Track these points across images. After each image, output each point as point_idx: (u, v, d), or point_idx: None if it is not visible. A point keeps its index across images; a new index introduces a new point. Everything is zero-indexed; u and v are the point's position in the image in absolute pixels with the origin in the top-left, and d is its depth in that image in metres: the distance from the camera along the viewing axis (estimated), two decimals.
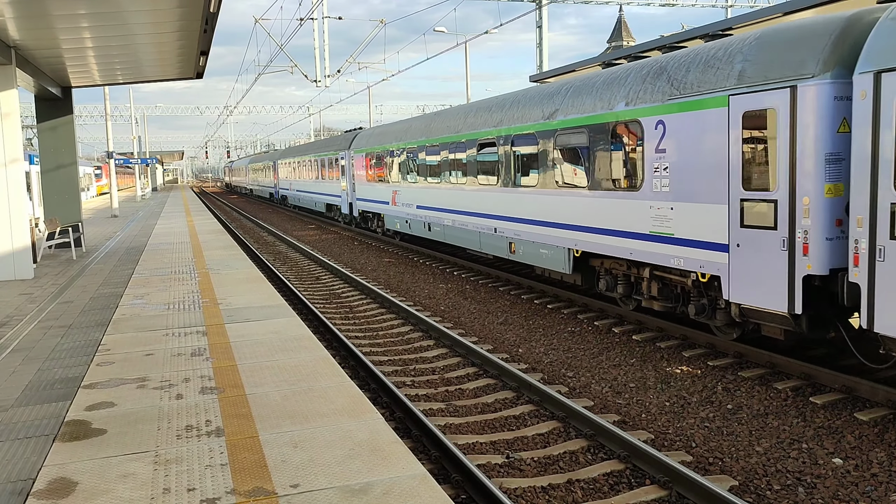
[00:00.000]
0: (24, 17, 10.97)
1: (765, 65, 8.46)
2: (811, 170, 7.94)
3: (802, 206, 8.06)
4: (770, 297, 8.49)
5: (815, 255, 7.95)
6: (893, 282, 6.97)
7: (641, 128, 10.49)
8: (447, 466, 6.45)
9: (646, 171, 10.43)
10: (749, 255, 8.75)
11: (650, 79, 10.49)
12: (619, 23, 62.14)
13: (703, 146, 9.39)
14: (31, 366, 7.36)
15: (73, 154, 18.30)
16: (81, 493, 4.34)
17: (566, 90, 12.84)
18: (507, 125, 14.64)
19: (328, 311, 13.96)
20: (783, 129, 8.19)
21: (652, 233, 10.41)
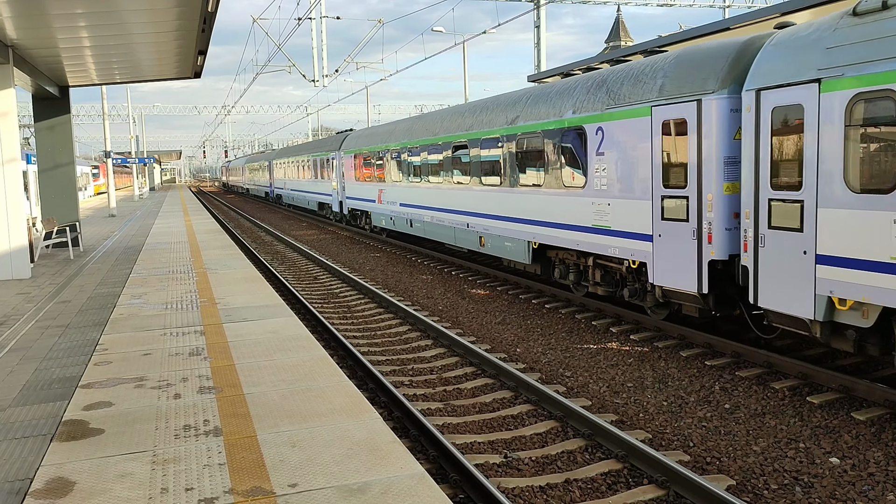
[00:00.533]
0: (22, 16, 10.96)
1: (679, 81, 9.82)
2: (713, 171, 9.29)
3: (707, 202, 9.41)
4: (684, 279, 9.83)
5: (717, 243, 9.32)
6: (772, 264, 8.32)
7: (585, 133, 11.84)
8: (445, 466, 6.45)
9: (589, 171, 11.79)
10: (668, 243, 10.10)
11: (593, 90, 11.82)
12: (616, 23, 62.17)
13: (633, 150, 10.72)
14: (28, 365, 7.35)
15: (70, 153, 18.28)
16: (79, 493, 4.34)
17: (526, 99, 14.21)
18: (476, 129, 16.03)
19: (326, 311, 13.95)
20: (692, 136, 9.54)
21: (594, 226, 11.80)
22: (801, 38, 8.10)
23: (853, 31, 7.49)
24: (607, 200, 11.36)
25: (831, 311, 7.78)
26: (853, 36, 7.45)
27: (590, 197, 11.79)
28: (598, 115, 11.47)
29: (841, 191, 7.51)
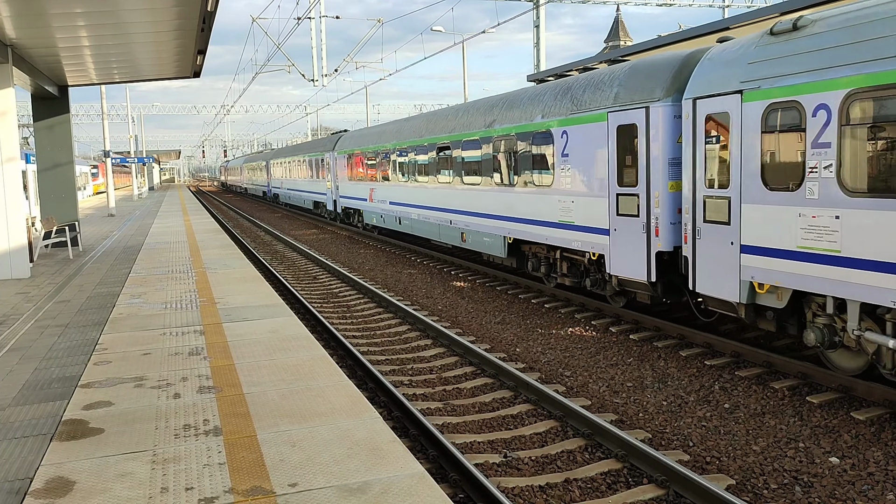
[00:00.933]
0: (21, 16, 10.95)
1: (631, 89, 10.83)
2: (660, 171, 10.30)
3: (655, 199, 10.44)
4: (635, 269, 10.85)
5: (663, 235, 10.36)
6: (706, 254, 9.35)
7: (552, 136, 12.83)
8: (445, 466, 6.45)
9: (555, 171, 12.82)
10: (622, 237, 11.12)
11: (559, 97, 12.84)
12: (616, 22, 62.19)
13: (592, 152, 11.72)
14: (28, 365, 7.35)
15: (69, 153, 18.27)
16: (79, 493, 4.33)
17: (502, 104, 15.21)
18: (458, 132, 17.09)
19: (325, 311, 13.95)
20: (641, 139, 10.53)
21: (560, 221, 12.82)
22: (729, 54, 9.06)
23: (769, 49, 8.43)
24: (571, 198, 12.42)
25: (753, 295, 8.79)
26: (769, 53, 8.38)
27: (556, 195, 12.86)
28: (563, 120, 12.50)
29: (758, 189, 8.52)
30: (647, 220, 10.58)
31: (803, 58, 7.91)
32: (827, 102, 7.61)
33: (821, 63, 7.68)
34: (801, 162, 7.97)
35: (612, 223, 11.32)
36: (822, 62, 7.67)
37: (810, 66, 7.80)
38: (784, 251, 8.22)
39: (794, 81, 7.99)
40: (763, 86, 8.41)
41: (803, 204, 7.95)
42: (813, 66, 7.76)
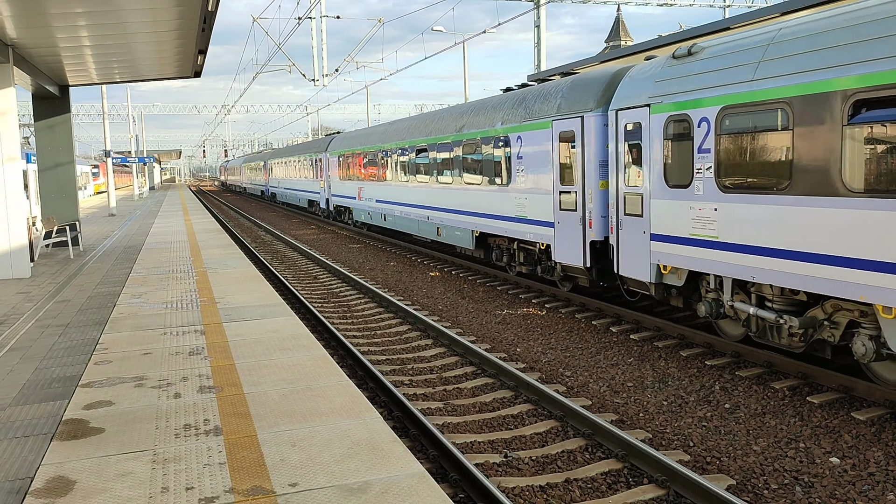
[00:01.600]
0: (22, 16, 10.95)
1: (571, 101, 12.50)
2: (592, 171, 11.95)
3: (588, 195, 12.07)
4: (574, 256, 12.48)
5: (595, 227, 11.96)
6: (627, 242, 10.95)
7: (510, 141, 14.55)
8: (445, 465, 6.45)
9: (512, 171, 14.54)
10: (564, 229, 12.78)
11: (516, 106, 14.58)
12: (616, 22, 62.17)
13: (540, 154, 13.38)
14: (28, 364, 7.35)
15: (70, 153, 18.27)
16: (79, 492, 4.34)
17: (471, 110, 16.95)
18: (434, 135, 18.78)
19: (326, 311, 13.96)
20: (578, 144, 12.17)
21: (516, 216, 14.50)
22: (643, 73, 10.69)
23: (671, 70, 10.05)
24: (525, 195, 14.14)
25: (660, 276, 10.47)
26: (670, 74, 10.01)
27: (513, 193, 14.58)
28: (518, 126, 14.25)
29: (662, 186, 10.14)
30: (582, 214, 12.25)
31: (693, 79, 9.56)
32: (707, 116, 9.26)
33: (704, 84, 9.32)
34: (691, 164, 9.60)
35: (556, 217, 13.08)
36: (705, 83, 9.31)
37: (697, 86, 9.44)
38: (680, 238, 9.90)
39: (685, 98, 9.64)
40: (664, 101, 10.03)
41: (692, 199, 9.60)
42: (699, 86, 9.41)
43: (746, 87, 8.56)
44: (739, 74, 8.70)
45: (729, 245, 9.03)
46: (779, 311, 8.67)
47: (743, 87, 8.62)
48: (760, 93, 8.37)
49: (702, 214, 9.44)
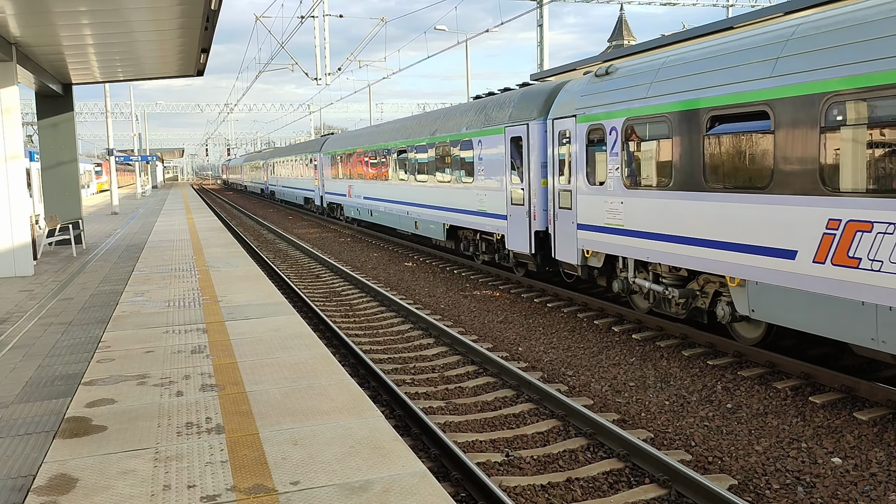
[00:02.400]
0: (25, 14, 10.97)
1: (519, 110, 14.64)
2: (535, 171, 14.00)
3: (533, 192, 14.08)
4: (523, 245, 14.47)
5: (538, 219, 13.98)
6: (561, 231, 13.03)
7: (472, 143, 16.67)
8: (447, 464, 6.45)
9: (475, 171, 16.61)
10: (514, 221, 14.83)
11: (478, 113, 16.77)
12: (619, 22, 62.09)
13: (496, 156, 15.54)
14: (31, 362, 7.37)
15: (73, 151, 18.29)
16: (82, 490, 4.34)
17: (443, 116, 19.23)
18: (412, 138, 21.00)
19: (328, 309, 13.96)
20: (524, 147, 14.24)
21: (478, 210, 16.61)
22: (573, 88, 12.76)
23: (592, 87, 11.97)
24: (485, 192, 16.20)
25: (585, 259, 12.51)
26: (592, 90, 11.92)
27: (476, 190, 16.64)
28: (479, 131, 16.38)
29: (585, 184, 12.18)
30: (528, 208, 14.23)
31: (607, 94, 11.45)
32: (616, 126, 11.14)
33: (615, 99, 11.21)
34: (605, 166, 11.52)
35: (508, 211, 15.10)
36: (615, 98, 11.22)
37: (610, 100, 11.32)
38: (598, 227, 11.89)
39: (601, 111, 11.54)
40: (587, 112, 11.93)
41: (606, 194, 11.59)
42: (611, 101, 11.30)
43: (642, 103, 10.57)
44: (638, 92, 10.69)
45: (632, 232, 11.04)
46: (667, 285, 10.62)
47: (640, 103, 10.63)
48: (651, 108, 10.38)
49: (612, 207, 11.49)
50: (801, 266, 8.04)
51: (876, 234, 7.17)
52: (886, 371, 8.75)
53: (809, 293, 7.95)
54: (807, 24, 8.13)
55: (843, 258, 7.54)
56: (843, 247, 7.54)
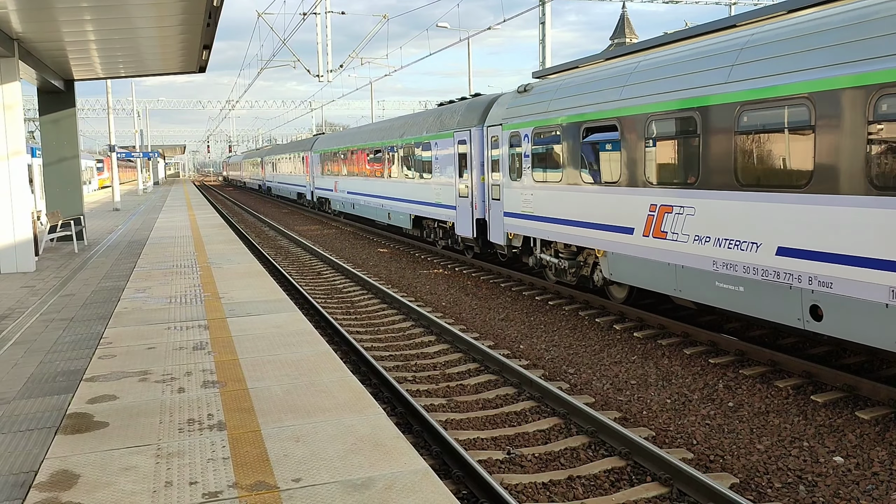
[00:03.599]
0: (27, 10, 10.96)
1: (465, 118, 17.61)
2: (476, 169, 16.85)
3: (475, 186, 16.89)
4: (467, 231, 17.36)
5: (478, 209, 16.82)
6: (493, 218, 15.91)
7: (430, 145, 19.75)
8: (448, 462, 6.45)
9: (432, 168, 19.52)
10: (461, 211, 17.69)
11: (436, 119, 19.82)
12: (622, 19, 62.01)
13: (447, 156, 18.53)
14: (33, 358, 7.37)
15: (75, 147, 18.28)
16: (83, 486, 4.35)
17: (410, 121, 22.51)
18: (385, 139, 24.24)
19: (329, 306, 13.96)
20: (468, 149, 17.12)
21: (435, 202, 19.49)
22: (503, 101, 15.72)
23: (515, 101, 14.86)
24: (440, 186, 19.02)
25: (510, 241, 15.28)
26: (515, 103, 14.80)
27: (433, 184, 19.57)
28: (435, 135, 19.37)
29: (508, 179, 14.99)
30: (471, 199, 17.02)
31: (524, 108, 14.32)
32: (528, 133, 14.03)
33: (529, 112, 14.08)
34: (520, 164, 14.42)
35: (456, 202, 18.00)
36: (529, 111, 14.07)
37: (526, 112, 14.21)
38: (518, 214, 14.69)
39: (519, 121, 14.47)
40: (510, 122, 14.87)
41: (522, 188, 14.40)
42: (526, 113, 14.19)
43: (544, 116, 13.40)
44: (542, 108, 13.54)
45: (539, 218, 13.80)
46: (563, 258, 13.31)
47: (542, 116, 13.47)
48: (549, 120, 13.21)
49: (526, 198, 14.27)
50: (636, 239, 10.86)
51: (675, 214, 10.00)
52: (888, 370, 8.74)
53: (641, 259, 10.75)
54: (645, 62, 11.01)
55: (658, 232, 10.38)
56: (658, 224, 10.36)
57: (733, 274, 8.95)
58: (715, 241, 9.22)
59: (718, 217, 9.17)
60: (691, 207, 9.65)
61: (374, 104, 56.61)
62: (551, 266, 13.83)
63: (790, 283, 8.16)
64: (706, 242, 9.36)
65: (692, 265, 9.65)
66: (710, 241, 9.32)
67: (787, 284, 8.20)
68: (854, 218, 7.34)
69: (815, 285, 7.83)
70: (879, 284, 7.11)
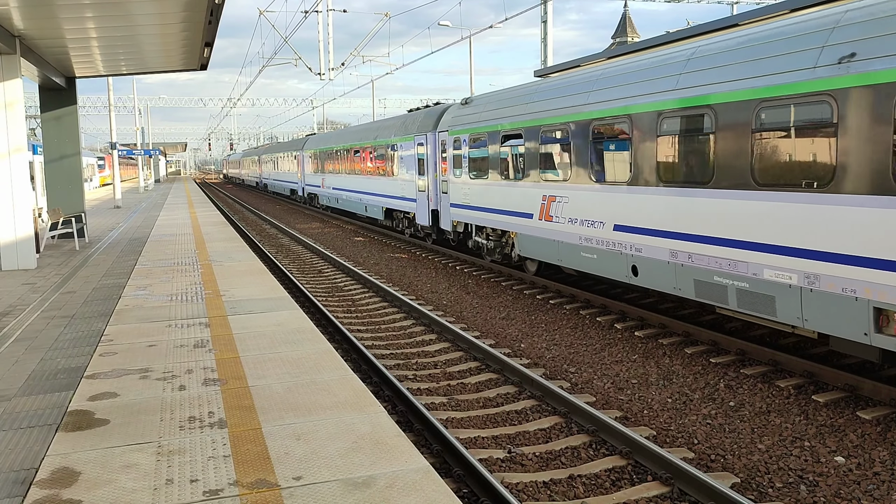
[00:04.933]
0: (29, 6, 10.94)
1: (423, 124, 20.74)
2: (432, 167, 19.72)
3: (430, 182, 19.88)
4: (425, 220, 20.46)
5: (433, 201, 19.83)
6: (443, 209, 18.83)
7: (397, 147, 23.28)
8: (449, 460, 6.45)
9: (398, 167, 23.12)
10: (420, 203, 20.85)
11: (400, 124, 23.36)
12: (623, 18, 61.90)
13: (409, 156, 21.94)
14: (34, 355, 7.37)
15: (76, 144, 18.28)
16: (84, 483, 4.34)
17: (383, 125, 26.08)
18: (362, 141, 28.10)
19: (330, 304, 13.96)
20: (426, 150, 20.21)
21: (401, 196, 22.99)
22: (451, 111, 18.76)
23: (458, 111, 17.98)
24: (404, 182, 22.50)
25: (455, 227, 18.33)
26: (458, 113, 17.88)
27: (399, 180, 23.05)
28: (401, 138, 22.81)
29: (453, 176, 17.87)
30: (427, 193, 20.16)
31: (464, 117, 17.41)
32: (466, 138, 17.06)
33: (466, 121, 17.14)
34: (461, 163, 17.36)
35: (416, 196, 21.23)
36: (466, 121, 17.13)
37: (465, 122, 17.27)
38: (459, 205, 17.73)
39: (460, 128, 17.46)
40: (454, 128, 17.88)
41: (463, 183, 17.32)
42: (465, 122, 17.23)
43: (476, 125, 16.54)
44: (476, 118, 16.71)
45: (474, 207, 16.88)
46: (491, 240, 16.43)
47: (475, 125, 16.60)
48: (479, 128, 16.31)
49: (465, 191, 17.28)
50: (534, 223, 13.97)
51: (557, 202, 13.12)
52: (890, 370, 8.73)
53: (538, 237, 13.92)
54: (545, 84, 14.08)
55: (547, 216, 13.49)
56: (548, 210, 13.45)
57: (590, 245, 12.13)
58: (579, 221, 12.43)
59: (581, 204, 12.37)
60: (566, 197, 12.79)
61: (375, 102, 56.57)
62: (484, 247, 16.91)
63: (620, 251, 11.29)
64: (574, 223, 12.58)
65: (567, 241, 12.82)
66: (576, 222, 12.53)
67: (618, 251, 11.34)
68: (650, 202, 10.53)
69: (633, 251, 10.97)
70: (664, 248, 10.24)
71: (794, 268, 8.08)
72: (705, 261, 9.40)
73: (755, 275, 8.60)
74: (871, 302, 7.19)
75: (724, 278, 9.11)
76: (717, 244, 9.20)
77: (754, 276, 8.61)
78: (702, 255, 9.46)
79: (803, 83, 7.91)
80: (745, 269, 8.74)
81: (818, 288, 7.78)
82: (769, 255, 8.40)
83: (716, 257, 9.22)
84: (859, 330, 7.36)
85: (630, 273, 10.96)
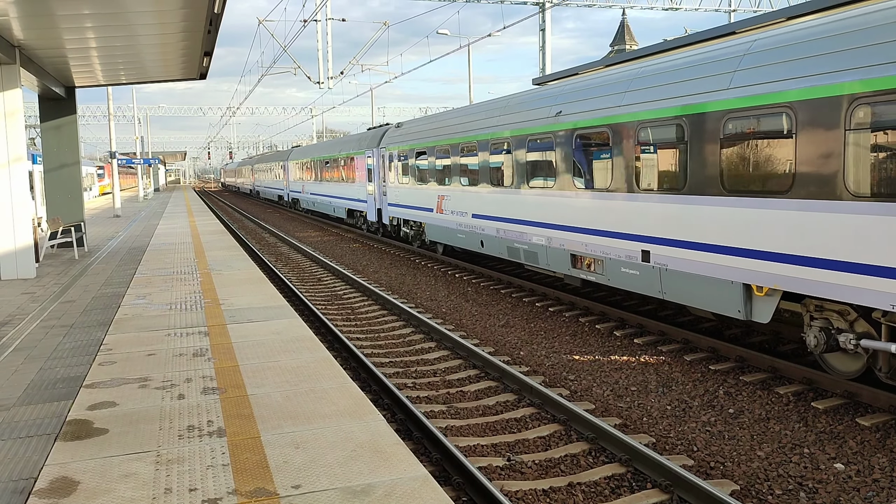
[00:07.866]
0: (29, 17, 10.99)
1: (371, 142, 26.64)
2: (377, 175, 25.56)
3: (376, 187, 25.66)
4: (373, 217, 26.38)
5: (378, 202, 25.72)
6: (384, 208, 25.03)
7: (354, 159, 28.57)
8: (448, 468, 6.44)
9: (356, 175, 28.50)
10: (370, 204, 26.82)
11: (358, 141, 28.87)
12: (621, 26, 62.09)
13: (362, 167, 27.72)
14: (32, 365, 7.37)
15: (76, 154, 18.30)
16: (83, 493, 4.34)
17: (345, 141, 32.90)
18: (331, 153, 33.89)
19: (330, 313, 13.96)
20: (373, 163, 26.10)
21: (357, 198, 28.65)
22: (389, 132, 24.55)
23: (392, 132, 24.33)
24: (360, 187, 27.75)
25: (391, 222, 24.24)
26: (391, 134, 24.28)
27: (356, 186, 28.51)
28: (357, 152, 28.29)
29: (393, 182, 23.31)
30: (375, 196, 25.62)
31: (395, 137, 23.11)
32: (396, 153, 22.82)
33: (397, 140, 22.78)
34: (394, 172, 22.89)
35: (367, 198, 26.93)
36: (397, 140, 22.78)
37: (396, 141, 22.79)
38: (394, 204, 23.18)
39: (393, 145, 23.15)
40: (390, 146, 23.48)
41: (395, 187, 22.81)
42: (396, 141, 22.91)
43: (403, 144, 21.83)
44: (403, 139, 21.92)
45: (402, 206, 22.15)
46: (412, 229, 21.59)
47: (402, 143, 21.91)
48: (404, 146, 21.62)
49: (396, 193, 22.69)
50: (434, 215, 19.27)
51: (446, 199, 18.35)
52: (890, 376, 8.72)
53: (436, 225, 19.18)
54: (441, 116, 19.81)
55: (441, 209, 18.80)
56: (440, 204, 18.76)
57: (460, 229, 17.57)
58: (456, 213, 17.80)
59: (456, 201, 17.81)
60: (449, 196, 18.17)
61: (374, 111, 56.69)
62: (407, 235, 22.45)
63: (475, 231, 16.71)
64: (454, 214, 17.91)
65: (450, 227, 18.19)
66: (454, 213, 17.89)
67: (474, 231, 16.74)
68: (487, 198, 15.95)
69: (481, 231, 16.33)
70: (494, 227, 15.63)
71: (541, 234, 13.66)
72: (512, 234, 14.93)
73: (529, 241, 14.20)
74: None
75: (518, 244, 14.68)
76: (516, 223, 14.72)
77: (529, 241, 14.20)
78: (510, 231, 14.99)
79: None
80: (527, 237, 14.28)
81: (551, 246, 13.40)
82: (534, 228, 13.92)
83: (515, 231, 14.79)
84: (563, 266, 13.09)
85: (479, 245, 16.44)
